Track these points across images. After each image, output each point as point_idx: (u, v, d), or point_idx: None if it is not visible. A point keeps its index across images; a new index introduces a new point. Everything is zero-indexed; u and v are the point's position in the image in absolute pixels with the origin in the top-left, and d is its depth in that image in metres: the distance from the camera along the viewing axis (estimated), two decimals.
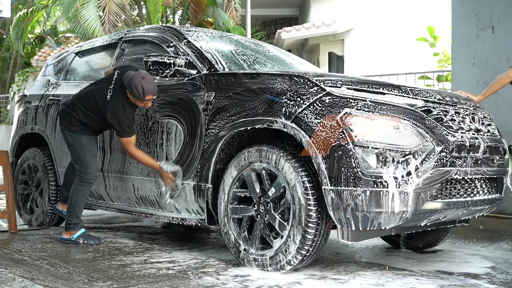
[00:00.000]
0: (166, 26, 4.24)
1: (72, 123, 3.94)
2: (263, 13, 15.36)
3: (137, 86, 3.60)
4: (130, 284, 2.80)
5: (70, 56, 5.19)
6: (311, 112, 2.90)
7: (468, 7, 5.72)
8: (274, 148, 3.06)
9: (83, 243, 3.91)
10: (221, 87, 3.42)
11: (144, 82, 3.61)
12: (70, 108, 3.98)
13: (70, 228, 3.98)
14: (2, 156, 4.59)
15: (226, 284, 2.81)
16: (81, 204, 4.00)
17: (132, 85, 3.63)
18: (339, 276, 3.04)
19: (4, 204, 4.70)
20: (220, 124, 3.33)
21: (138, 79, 3.62)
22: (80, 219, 4.02)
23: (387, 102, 2.93)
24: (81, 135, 3.94)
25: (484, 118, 3.42)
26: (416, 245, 3.91)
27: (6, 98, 17.56)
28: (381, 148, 2.77)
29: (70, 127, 3.95)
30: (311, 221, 2.88)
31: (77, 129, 3.94)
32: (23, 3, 18.60)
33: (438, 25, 9.10)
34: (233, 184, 3.25)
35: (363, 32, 12.15)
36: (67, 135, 3.99)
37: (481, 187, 3.23)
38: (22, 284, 2.79)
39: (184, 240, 4.26)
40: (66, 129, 3.98)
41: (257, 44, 4.48)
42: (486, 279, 3.06)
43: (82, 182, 3.95)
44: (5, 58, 20.17)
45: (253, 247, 3.13)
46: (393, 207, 2.75)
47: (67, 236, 3.98)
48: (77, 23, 12.24)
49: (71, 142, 3.97)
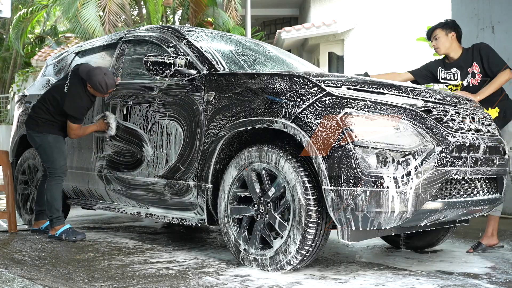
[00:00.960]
0: (166, 26, 4.24)
1: (38, 124, 4.22)
2: (263, 13, 15.36)
3: (100, 82, 3.98)
4: (130, 284, 2.80)
5: (70, 56, 5.19)
6: (311, 112, 2.90)
7: (468, 7, 5.72)
8: (274, 148, 3.06)
9: (65, 238, 4.07)
10: (221, 87, 3.42)
11: (107, 78, 4.00)
12: (33, 112, 4.29)
13: (54, 223, 4.16)
14: (2, 156, 4.59)
15: (226, 284, 2.81)
16: (58, 198, 4.19)
17: (95, 81, 3.99)
18: (339, 276, 3.04)
19: (4, 204, 4.70)
20: (220, 124, 3.33)
21: (101, 76, 3.99)
22: (60, 212, 4.20)
23: (387, 102, 2.93)
24: (47, 134, 4.19)
25: (484, 118, 3.42)
26: (416, 245, 3.91)
27: (6, 98, 17.57)
28: (381, 148, 2.77)
29: (37, 128, 4.21)
30: (311, 221, 2.88)
31: (43, 128, 4.20)
32: (23, 3, 18.59)
33: None
34: (233, 184, 3.25)
35: (363, 32, 12.14)
36: (35, 137, 4.24)
37: (481, 187, 3.23)
38: (22, 284, 2.79)
39: (184, 240, 4.26)
40: (33, 131, 4.24)
41: (257, 44, 4.48)
42: (486, 279, 3.06)
43: (53, 177, 4.17)
44: (5, 58, 20.17)
45: (253, 247, 3.13)
46: (393, 207, 2.75)
47: (52, 232, 4.15)
48: (77, 23, 12.24)
49: (39, 142, 4.22)
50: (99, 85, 3.99)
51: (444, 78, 4.14)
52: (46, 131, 4.19)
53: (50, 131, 4.20)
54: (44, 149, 4.20)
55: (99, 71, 4.02)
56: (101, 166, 4.24)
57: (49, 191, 4.17)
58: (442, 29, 4.08)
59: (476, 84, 3.97)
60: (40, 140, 4.21)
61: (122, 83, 4.23)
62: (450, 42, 4.07)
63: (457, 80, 4.06)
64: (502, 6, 5.40)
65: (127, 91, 4.13)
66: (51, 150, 4.18)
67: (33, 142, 4.29)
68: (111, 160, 4.17)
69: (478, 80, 3.97)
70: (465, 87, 4.01)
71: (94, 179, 4.32)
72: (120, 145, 4.08)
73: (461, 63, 4.06)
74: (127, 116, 4.05)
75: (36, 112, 4.25)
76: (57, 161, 4.17)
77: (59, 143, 4.22)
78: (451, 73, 4.10)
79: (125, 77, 4.27)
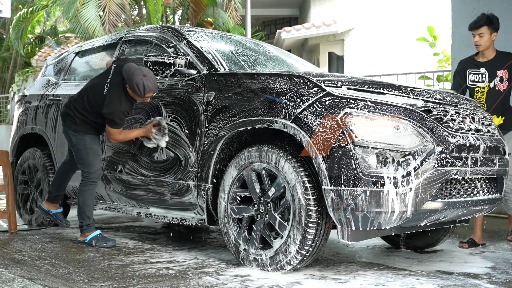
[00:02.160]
0: (166, 26, 4.24)
1: (75, 123, 3.95)
2: (263, 13, 15.36)
3: (138, 84, 3.61)
4: (130, 284, 2.80)
5: (70, 56, 5.19)
6: (311, 112, 2.90)
7: (468, 7, 5.72)
8: (274, 148, 3.06)
9: (95, 245, 3.86)
10: (221, 87, 3.42)
11: (146, 80, 3.61)
12: (70, 108, 3.98)
13: (84, 230, 3.95)
14: (2, 156, 4.59)
15: (226, 284, 2.81)
16: (90, 204, 3.97)
17: (133, 81, 3.63)
18: (339, 276, 3.04)
19: (4, 204, 4.70)
20: (220, 125, 3.33)
21: (140, 76, 3.61)
22: (91, 219, 3.98)
23: (387, 102, 2.93)
24: (84, 135, 3.94)
25: (484, 118, 3.42)
26: (416, 245, 3.91)
27: (6, 98, 17.55)
28: (381, 148, 2.77)
29: (74, 127, 3.96)
30: (311, 221, 2.88)
31: (81, 128, 3.94)
32: (23, 3, 18.60)
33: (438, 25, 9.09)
34: (233, 184, 3.25)
35: (363, 32, 12.14)
36: (71, 135, 3.99)
37: (481, 187, 3.23)
38: (22, 284, 2.79)
39: (184, 240, 4.26)
40: (70, 129, 3.98)
41: (258, 45, 4.48)
42: (486, 279, 3.06)
43: (87, 182, 3.94)
44: (5, 58, 20.17)
45: (253, 247, 3.13)
46: (393, 207, 2.76)
47: (82, 238, 3.96)
48: (77, 23, 12.24)
49: (75, 142, 3.97)
50: (136, 86, 3.62)
51: (472, 80, 4.17)
52: (83, 131, 3.95)
53: (87, 131, 3.95)
54: (79, 150, 3.97)
55: (139, 72, 3.65)
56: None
57: (81, 196, 3.95)
58: (489, 27, 4.09)
59: (502, 90, 4.00)
60: (75, 140, 3.97)
61: None
62: (491, 42, 4.12)
63: (485, 82, 4.08)
64: (502, 6, 5.39)
65: None
66: (87, 153, 3.94)
67: (68, 140, 4.07)
68: (111, 160, 4.16)
69: (504, 87, 4.01)
70: (490, 89, 4.06)
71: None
72: (120, 146, 4.08)
73: (492, 64, 4.11)
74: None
75: (73, 108, 3.97)
76: (93, 166, 3.93)
77: (95, 145, 3.98)
78: (480, 73, 4.12)
79: None
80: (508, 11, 5.31)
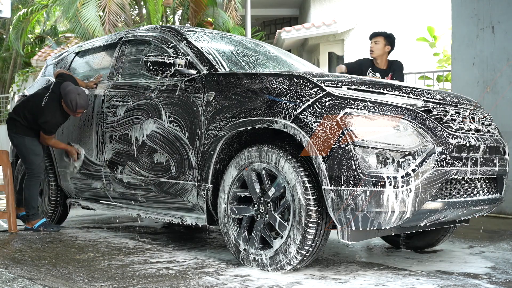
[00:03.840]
0: (166, 26, 4.24)
1: (16, 126, 4.53)
2: (263, 13, 15.36)
3: (72, 101, 4.24)
4: (130, 284, 2.80)
5: (70, 56, 5.19)
6: (311, 112, 2.89)
7: (468, 7, 5.72)
8: (274, 148, 3.06)
9: (43, 231, 4.48)
10: (221, 87, 3.42)
11: (79, 98, 4.23)
12: (14, 113, 4.58)
13: (30, 218, 4.53)
14: (2, 156, 4.60)
15: (226, 284, 2.81)
16: (35, 196, 4.56)
17: (68, 98, 4.25)
18: (339, 276, 3.04)
19: (4, 204, 4.70)
20: (220, 125, 3.33)
21: (74, 95, 4.24)
22: (36, 209, 4.58)
23: (388, 102, 2.93)
24: (24, 136, 4.50)
25: (484, 118, 3.42)
26: (416, 245, 3.91)
27: (6, 98, 17.56)
28: (381, 148, 2.77)
29: (15, 130, 4.53)
30: (311, 221, 2.88)
31: (20, 130, 4.51)
32: (23, 3, 18.60)
33: (438, 25, 9.10)
34: (233, 184, 3.25)
35: (363, 32, 12.13)
36: (13, 137, 4.56)
37: (481, 187, 3.23)
38: (22, 284, 2.79)
39: (184, 240, 4.26)
40: (12, 131, 4.56)
41: (258, 45, 4.48)
42: (486, 279, 3.06)
43: (31, 177, 4.52)
44: (5, 58, 20.18)
45: (253, 247, 3.13)
46: (393, 207, 2.76)
47: (30, 226, 4.53)
48: (77, 23, 12.25)
49: (16, 143, 4.55)
50: (70, 103, 4.24)
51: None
52: (22, 133, 4.50)
53: (26, 134, 4.50)
54: (21, 150, 4.55)
55: (74, 90, 4.26)
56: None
57: (27, 189, 4.51)
58: (385, 39, 5.16)
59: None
60: (17, 141, 4.54)
61: (122, 84, 4.23)
62: (385, 52, 5.17)
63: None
64: (502, 6, 5.39)
65: (127, 91, 4.13)
66: (27, 153, 4.51)
67: (11, 142, 4.61)
68: (112, 161, 4.16)
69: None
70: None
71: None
72: (120, 146, 4.08)
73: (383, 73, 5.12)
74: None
75: (17, 114, 4.55)
76: (33, 163, 4.50)
77: (34, 146, 4.51)
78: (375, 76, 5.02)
79: (125, 77, 4.27)
80: (508, 11, 5.31)
